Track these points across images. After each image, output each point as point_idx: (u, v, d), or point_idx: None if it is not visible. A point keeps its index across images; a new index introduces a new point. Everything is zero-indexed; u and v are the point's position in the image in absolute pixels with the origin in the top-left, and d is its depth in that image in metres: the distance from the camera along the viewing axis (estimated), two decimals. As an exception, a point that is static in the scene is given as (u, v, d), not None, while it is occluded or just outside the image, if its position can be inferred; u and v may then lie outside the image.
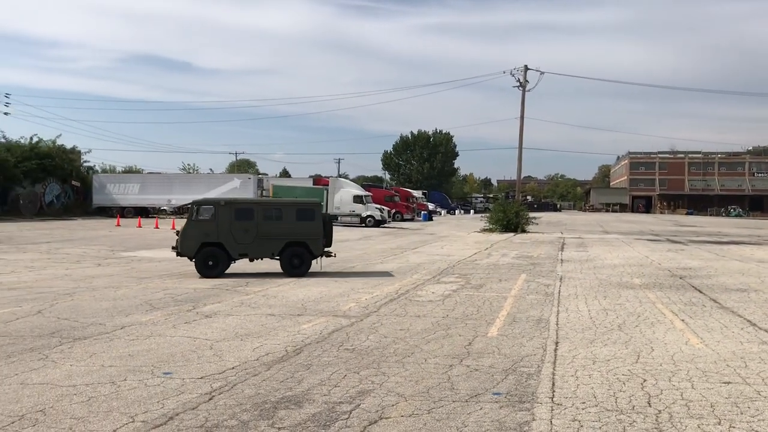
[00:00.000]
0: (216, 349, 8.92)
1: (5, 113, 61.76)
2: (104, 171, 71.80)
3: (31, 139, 57.84)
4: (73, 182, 60.08)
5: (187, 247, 17.00)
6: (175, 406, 6.38)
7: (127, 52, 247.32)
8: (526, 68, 48.69)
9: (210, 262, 16.98)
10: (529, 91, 48.71)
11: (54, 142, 59.73)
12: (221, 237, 17.01)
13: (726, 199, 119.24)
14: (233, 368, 7.88)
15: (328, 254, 18.31)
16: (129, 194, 57.38)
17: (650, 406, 6.55)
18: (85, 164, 66.00)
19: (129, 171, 76.84)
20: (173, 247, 17.54)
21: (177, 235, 17.47)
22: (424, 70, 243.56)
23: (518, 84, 48.69)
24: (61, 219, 50.61)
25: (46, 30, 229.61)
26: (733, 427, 5.94)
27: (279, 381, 7.33)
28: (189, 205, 18.27)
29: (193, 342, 9.32)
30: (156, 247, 26.60)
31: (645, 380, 7.50)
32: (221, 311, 11.92)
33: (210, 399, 6.64)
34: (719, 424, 6.03)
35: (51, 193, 57.52)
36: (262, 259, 17.71)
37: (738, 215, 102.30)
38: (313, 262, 17.75)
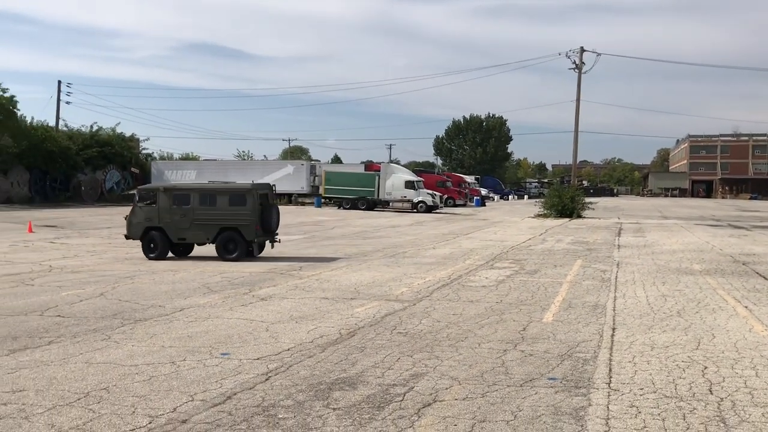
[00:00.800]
0: (272, 331, 9.06)
1: (67, 102, 63.79)
2: (162, 158, 73.46)
3: (92, 127, 59.47)
4: (133, 169, 61.66)
5: (134, 231, 17.76)
6: (232, 386, 6.52)
7: (181, 41, 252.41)
8: (582, 50, 47.68)
9: (152, 245, 17.49)
10: (585, 73, 47.75)
11: (113, 129, 61.32)
12: (162, 222, 17.49)
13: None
14: (289, 350, 8.00)
15: (273, 240, 18.19)
16: (186, 181, 58.62)
17: (711, 393, 6.39)
18: (143, 151, 67.68)
19: (186, 158, 78.42)
20: (125, 235, 18.20)
21: (125, 220, 18.17)
22: (476, 54, 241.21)
23: (574, 66, 47.75)
24: (121, 205, 52.00)
25: (103, 20, 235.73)
26: (800, 416, 5.74)
27: (333, 363, 7.41)
28: (132, 192, 18.36)
29: (249, 324, 9.49)
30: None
31: (706, 367, 7.31)
32: (276, 294, 12.09)
33: (266, 379, 6.76)
34: (785, 412, 5.84)
35: (111, 179, 59.19)
36: (200, 244, 18.01)
37: None
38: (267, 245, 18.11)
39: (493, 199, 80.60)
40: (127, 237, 18.03)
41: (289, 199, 57.23)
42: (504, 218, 41.28)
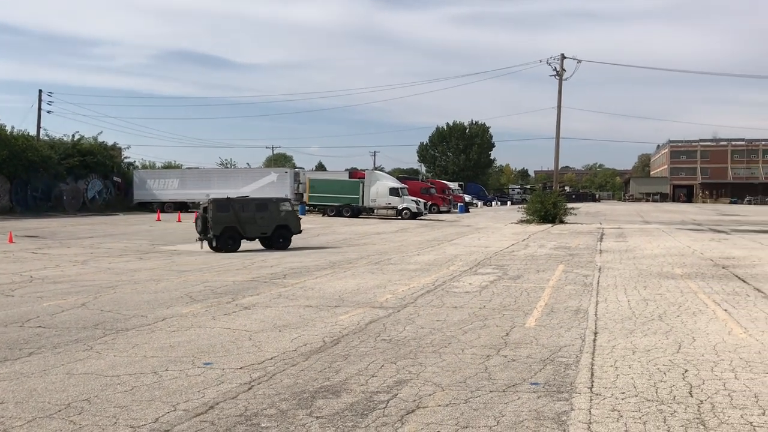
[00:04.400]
0: (255, 339, 9.04)
1: (48, 111, 63.28)
2: (144, 167, 72.91)
3: (73, 136, 58.90)
4: (115, 178, 61.24)
5: (216, 229, 22.39)
6: (215, 396, 6.49)
7: (162, 49, 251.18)
8: (563, 57, 48.08)
9: (230, 240, 22.68)
10: (566, 80, 48.12)
11: (95, 138, 60.83)
12: (236, 222, 22.74)
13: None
14: (272, 358, 7.98)
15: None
16: (168, 189, 58.25)
17: (692, 396, 6.45)
18: (125, 160, 67.19)
19: (168, 166, 77.91)
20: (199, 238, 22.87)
21: (198, 225, 22.86)
22: (459, 61, 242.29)
23: (555, 73, 48.14)
24: (103, 214, 51.66)
25: (84, 28, 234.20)
26: (778, 418, 5.82)
27: (317, 371, 7.40)
28: (207, 204, 23.10)
29: (232, 333, 9.46)
30: (196, 240, 26.94)
31: (686, 370, 7.38)
32: (260, 303, 12.06)
33: (249, 389, 6.74)
34: (764, 414, 5.91)
35: (93, 189, 58.71)
36: (261, 238, 23.63)
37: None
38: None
39: (477, 206, 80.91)
40: (204, 236, 22.59)
41: (273, 207, 57.04)
42: (487, 224, 41.43)
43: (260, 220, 22.99)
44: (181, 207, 55.45)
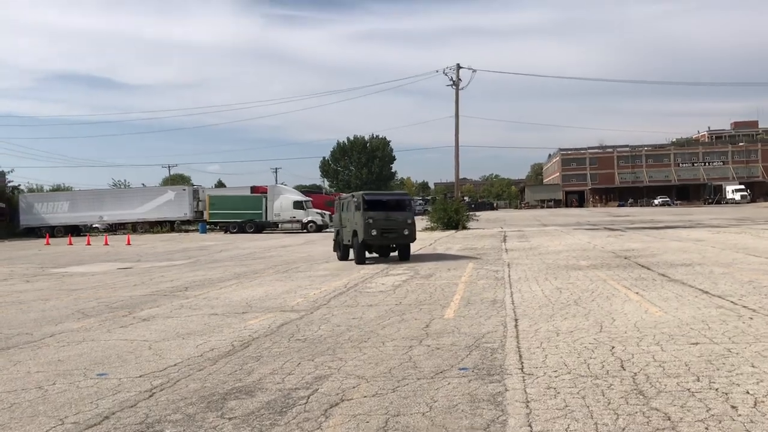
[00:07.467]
0: (155, 348, 8.23)
1: None
2: (31, 190, 68.71)
3: (-51, 161, 54.79)
4: (-2, 203, 57.27)
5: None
6: (110, 406, 5.72)
7: (47, 71, 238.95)
8: (459, 66, 48.88)
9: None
10: (462, 89, 48.86)
11: (-27, 163, 56.75)
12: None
13: (655, 189, 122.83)
14: (175, 365, 7.23)
15: None
16: (58, 213, 54.83)
17: (624, 369, 6.24)
18: (9, 184, 62.99)
19: (57, 189, 73.69)
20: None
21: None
22: (355, 78, 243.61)
23: (451, 83, 48.85)
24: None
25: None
26: (713, 383, 5.66)
27: (227, 374, 6.72)
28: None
29: (129, 344, 8.59)
30: (89, 262, 25.30)
31: (613, 347, 7.20)
32: (160, 314, 11.16)
33: (150, 396, 5.99)
34: (698, 380, 5.75)
35: (-26, 215, 54.64)
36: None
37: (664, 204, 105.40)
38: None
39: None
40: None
41: (171, 226, 54.85)
42: (393, 233, 41.26)
43: None
44: (73, 230, 52.43)
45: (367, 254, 20.42)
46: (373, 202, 19.94)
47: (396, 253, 20.56)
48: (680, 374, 5.97)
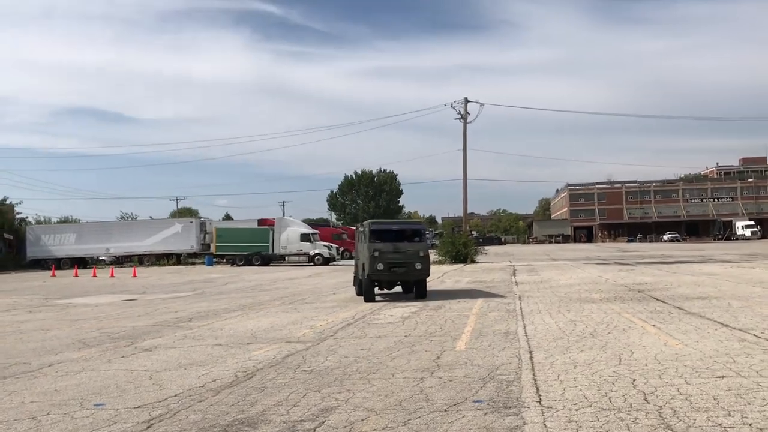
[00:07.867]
0: (156, 378, 7.92)
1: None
2: (39, 222, 68.71)
3: (-40, 193, 54.92)
4: (6, 235, 57.18)
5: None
6: (105, 437, 5.42)
7: (60, 106, 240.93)
8: (467, 100, 48.97)
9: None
10: (470, 123, 48.87)
11: (-17, 196, 56.89)
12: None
13: (663, 225, 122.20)
14: (175, 396, 6.92)
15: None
16: (65, 245, 54.67)
17: (648, 402, 5.90)
18: (17, 216, 63.04)
19: (65, 221, 73.72)
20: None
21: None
22: (362, 113, 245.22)
23: (459, 116, 48.86)
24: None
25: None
26: (746, 417, 5.32)
27: (229, 405, 6.41)
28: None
29: (129, 374, 8.29)
30: (94, 293, 25.05)
31: (635, 379, 6.86)
32: (162, 345, 10.86)
33: (148, 427, 5.69)
34: (729, 415, 5.41)
35: (-18, 247, 54.57)
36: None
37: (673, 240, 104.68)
38: None
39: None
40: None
41: (178, 259, 54.60)
42: (401, 266, 40.92)
43: None
44: (79, 262, 52.24)
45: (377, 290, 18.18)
46: (379, 232, 17.78)
47: (400, 287, 18.97)
48: (709, 408, 5.62)
